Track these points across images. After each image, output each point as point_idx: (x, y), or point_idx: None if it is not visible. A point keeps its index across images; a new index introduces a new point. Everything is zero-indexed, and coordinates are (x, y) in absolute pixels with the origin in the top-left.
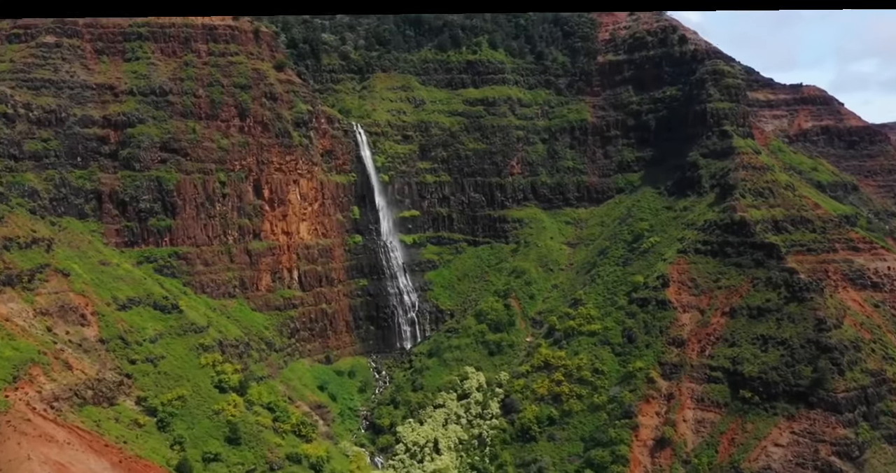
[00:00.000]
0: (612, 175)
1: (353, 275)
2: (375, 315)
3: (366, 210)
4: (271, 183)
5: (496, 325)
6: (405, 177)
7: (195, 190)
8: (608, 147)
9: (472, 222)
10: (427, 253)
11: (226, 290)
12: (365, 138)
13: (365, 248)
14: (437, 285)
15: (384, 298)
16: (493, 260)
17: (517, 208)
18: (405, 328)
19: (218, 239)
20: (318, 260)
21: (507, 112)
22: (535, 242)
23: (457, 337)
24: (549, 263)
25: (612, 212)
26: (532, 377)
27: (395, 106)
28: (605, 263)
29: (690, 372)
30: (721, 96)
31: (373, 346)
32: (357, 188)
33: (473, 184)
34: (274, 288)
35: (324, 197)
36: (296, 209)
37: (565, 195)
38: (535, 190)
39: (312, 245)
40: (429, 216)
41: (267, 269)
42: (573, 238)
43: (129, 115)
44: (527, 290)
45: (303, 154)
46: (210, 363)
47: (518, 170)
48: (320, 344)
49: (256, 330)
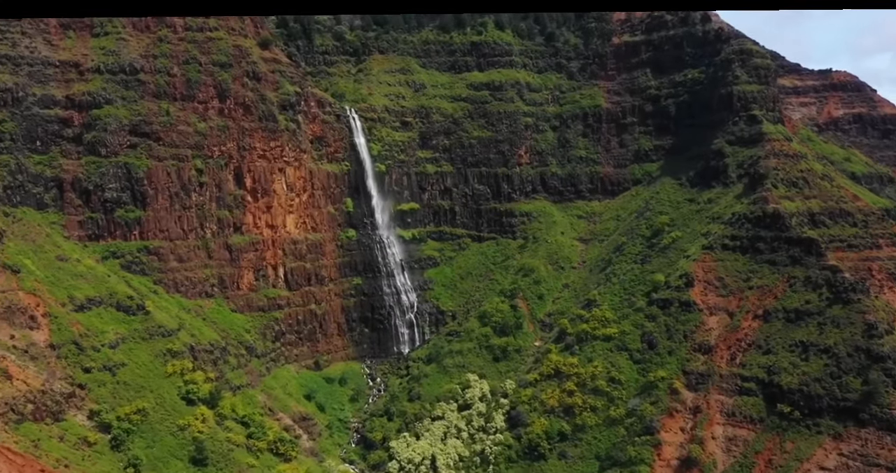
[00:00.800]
0: (629, 165)
1: (346, 273)
2: (370, 316)
3: (360, 202)
4: (254, 171)
5: (502, 328)
6: (404, 167)
7: (168, 178)
8: (624, 135)
9: (476, 216)
10: (427, 250)
11: (202, 289)
12: (359, 124)
13: (359, 244)
14: (438, 284)
15: (380, 298)
16: (499, 258)
17: (525, 201)
18: (402, 330)
19: (194, 233)
20: (306, 256)
21: (514, 97)
22: (545, 238)
23: (458, 340)
24: (560, 261)
25: (629, 206)
26: (541, 386)
27: (393, 90)
28: (622, 261)
29: (719, 383)
30: (749, 78)
31: (367, 351)
32: (350, 178)
33: (478, 175)
34: (257, 287)
35: (313, 187)
36: (282, 200)
37: (577, 187)
38: (544, 181)
39: (300, 240)
40: (429, 209)
41: (249, 266)
42: (586, 233)
43: (95, 95)
44: (535, 290)
45: (289, 140)
46: (178, 371)
47: (526, 160)
48: (309, 348)
49: (236, 334)
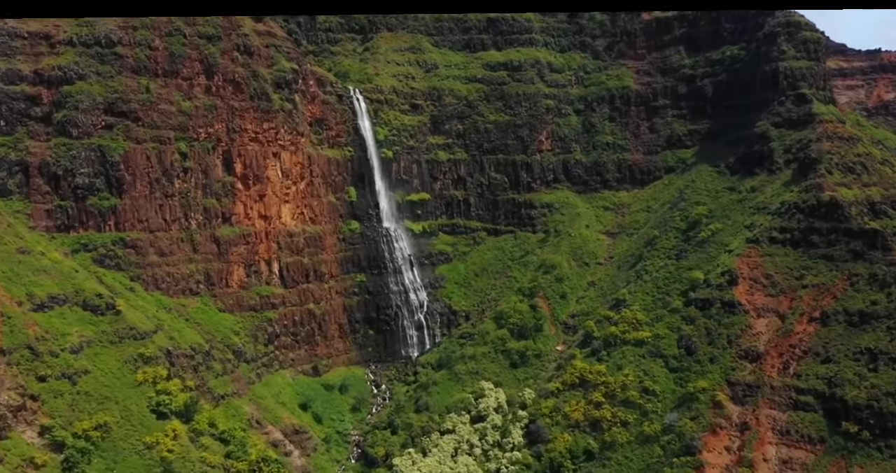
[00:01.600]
0: (660, 151)
1: (348, 269)
2: (375, 317)
3: (364, 191)
4: (245, 155)
5: (520, 331)
6: (413, 154)
7: (148, 162)
8: (655, 119)
9: (492, 207)
10: (438, 244)
11: (186, 286)
12: (364, 106)
13: (363, 237)
14: (450, 281)
15: (385, 297)
16: (517, 253)
17: (546, 191)
18: (410, 333)
19: (177, 224)
20: (303, 250)
21: (534, 78)
22: (568, 231)
23: (472, 344)
24: (585, 256)
25: (661, 196)
26: (564, 396)
27: (401, 70)
28: (654, 256)
29: (770, 396)
30: (797, 53)
31: (371, 354)
32: (354, 165)
33: (494, 163)
34: (248, 284)
35: (312, 174)
36: (276, 188)
37: (603, 176)
38: (567, 169)
39: (297, 232)
40: (441, 200)
41: (239, 261)
42: (613, 226)
43: (66, 70)
44: (557, 288)
45: (285, 121)
46: (149, 379)
47: (547, 147)
48: (306, 352)
49: (222, 336)
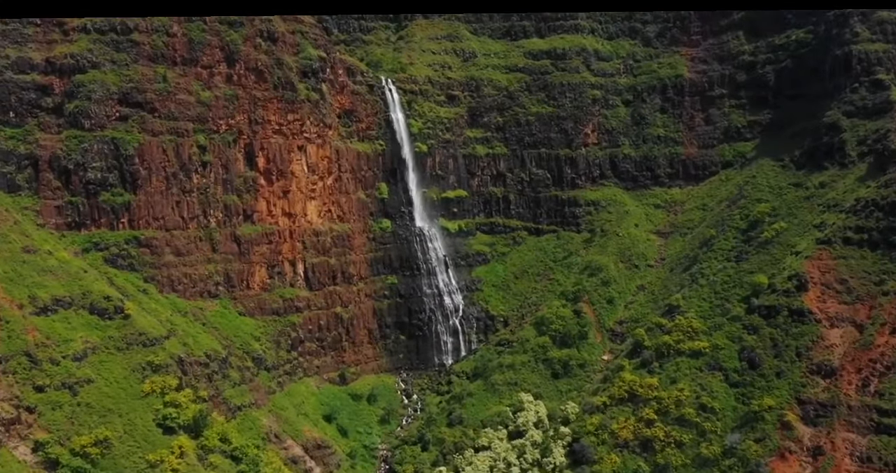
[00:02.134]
0: (717, 145)
1: (379, 271)
2: (406, 321)
3: (396, 188)
4: (268, 149)
5: (563, 338)
6: (449, 148)
7: (165, 156)
8: (711, 109)
9: (533, 205)
10: (475, 244)
11: (204, 288)
12: (397, 97)
13: (394, 236)
14: (488, 284)
15: (418, 300)
16: (560, 254)
17: (592, 188)
18: (445, 339)
19: (195, 222)
20: (331, 250)
21: (580, 67)
22: (615, 231)
23: (510, 352)
24: (634, 258)
25: (717, 192)
26: (611, 412)
27: (437, 59)
28: (711, 258)
29: (848, 417)
30: (872, 35)
31: (403, 361)
32: (385, 160)
33: (536, 158)
34: (271, 286)
35: (340, 169)
36: (302, 184)
37: (654, 171)
38: (614, 165)
39: (324, 231)
40: (478, 197)
41: (261, 262)
42: (665, 225)
43: (79, 58)
44: (604, 292)
45: (311, 112)
46: (158, 389)
47: (593, 140)
48: (333, 358)
49: (242, 342)
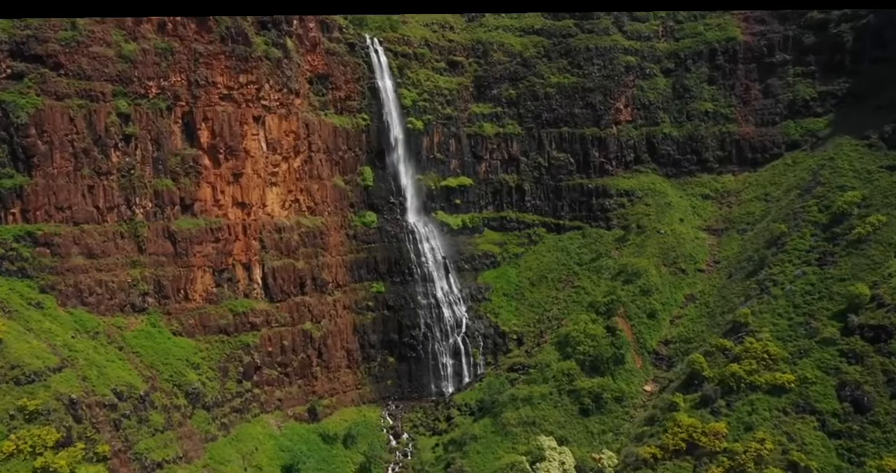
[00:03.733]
0: (779, 122)
1: (361, 276)
2: (396, 339)
3: (384, 173)
4: (214, 119)
5: (593, 363)
6: (450, 126)
7: (72, 127)
8: (771, 79)
9: (553, 196)
10: (483, 243)
11: (125, 301)
12: (385, 60)
13: (381, 233)
14: (498, 293)
15: (411, 313)
16: (587, 255)
17: (625, 175)
18: (444, 361)
19: (115, 214)
20: (298, 250)
21: (610, 29)
22: (655, 227)
23: (527, 380)
24: (680, 260)
25: (783, 179)
26: (664, 469)
27: (436, 17)
28: (784, 261)
29: None
30: None
31: (390, 390)
32: (370, 138)
33: (557, 138)
34: (217, 296)
35: (311, 148)
36: (259, 166)
37: (701, 154)
38: (652, 147)
39: (289, 226)
40: (487, 185)
41: (205, 265)
42: (716, 220)
43: None
44: (643, 304)
45: (272, 74)
46: (26, 449)
47: (627, 117)
48: (300, 389)
49: (173, 372)
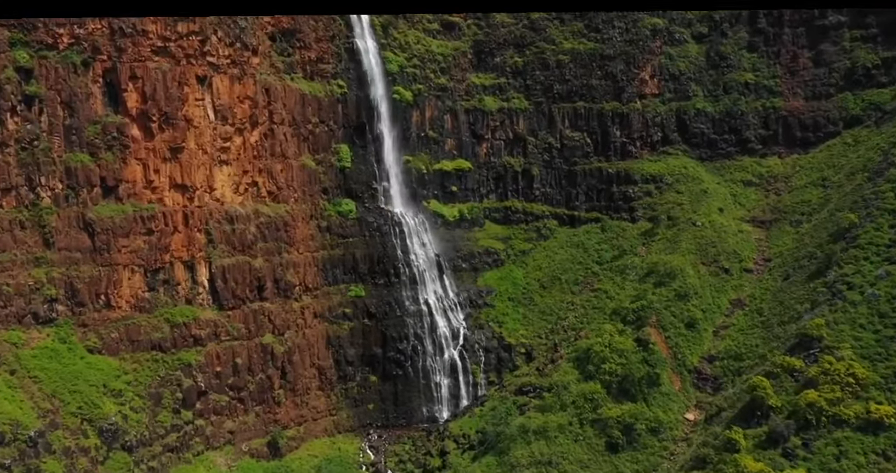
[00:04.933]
0: (835, 94)
1: (336, 278)
2: (380, 354)
3: (365, 153)
4: (146, 79)
5: (621, 385)
6: (445, 98)
7: None
8: (823, 44)
9: (567, 182)
10: (484, 239)
11: (26, 309)
12: (366, 17)
13: (361, 225)
14: (502, 297)
15: (397, 322)
16: (608, 252)
17: (652, 157)
18: (437, 380)
19: (13, 197)
20: (256, 246)
21: None
22: (689, 218)
23: (539, 404)
24: (722, 258)
25: (843, 161)
26: None
27: None
28: (858, 258)
29: None
30: None
31: (372, 416)
32: (348, 109)
33: (571, 115)
34: (151, 303)
35: (272, 119)
36: (205, 139)
37: (741, 133)
38: (683, 124)
39: (244, 214)
40: (488, 170)
41: (134, 264)
42: (763, 210)
43: None
44: (680, 311)
45: (221, 23)
46: None
47: (653, 90)
48: (258, 418)
49: (84, 401)
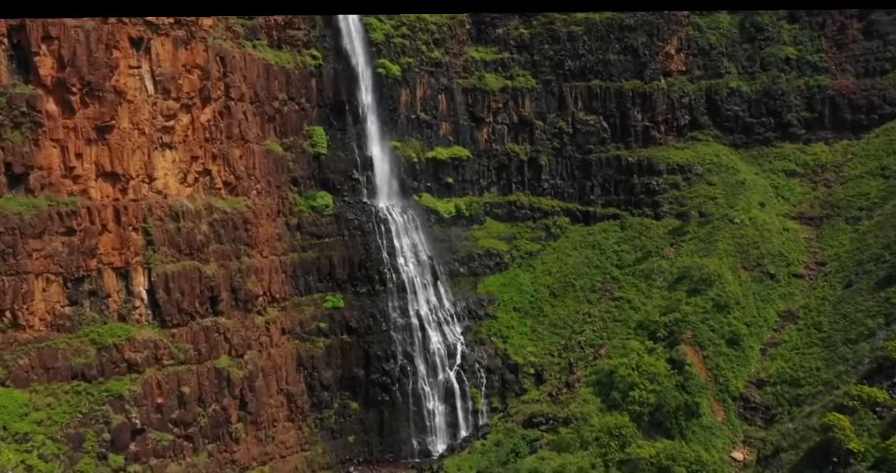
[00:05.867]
0: (891, 71)
1: (309, 285)
2: (362, 376)
3: (344, 137)
4: (63, 40)
5: (652, 416)
6: (439, 75)
7: None
8: (875, 13)
9: (581, 173)
10: (485, 238)
11: None
12: None
13: (339, 224)
14: (507, 308)
15: (383, 338)
16: (630, 254)
17: (678, 144)
18: (430, 407)
19: None
20: (208, 248)
21: None
22: (726, 214)
23: (555, 442)
24: (766, 261)
25: None
26: None
27: None
28: None
29: None
30: None
31: (353, 450)
32: (324, 85)
33: (585, 95)
34: (72, 320)
35: (229, 94)
36: (142, 117)
37: (781, 116)
38: (714, 106)
39: (192, 210)
40: (490, 159)
41: (50, 271)
42: (811, 205)
43: None
44: (721, 325)
45: None
46: None
47: (680, 66)
48: (211, 458)
49: None
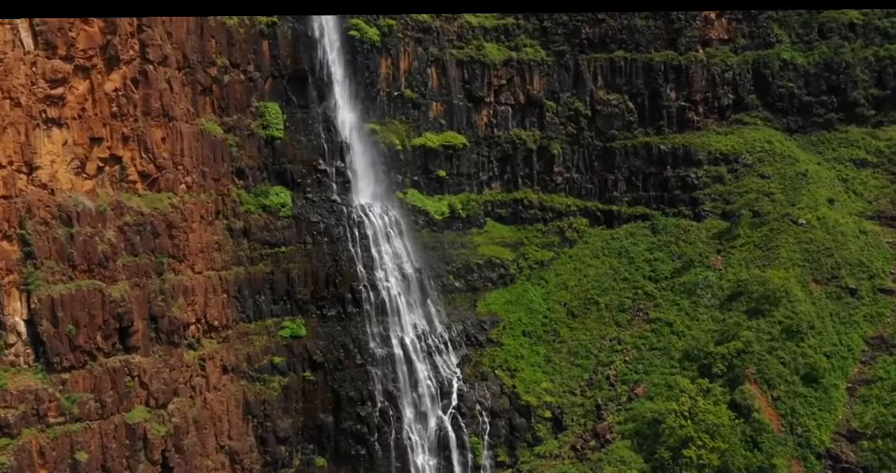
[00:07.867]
0: None
1: (260, 308)
2: (330, 424)
3: (306, 117)
4: None
5: None
6: (428, 44)
7: None
8: None
9: (602, 164)
10: (485, 245)
11: None
12: None
13: (300, 228)
14: (515, 332)
15: (356, 374)
16: (667, 264)
17: (721, 127)
18: (419, 461)
19: None
20: (113, 262)
21: None
22: (787, 213)
23: None
24: (844, 272)
25: None
26: None
27: None
28: None
29: None
30: None
31: None
32: (280, 50)
33: (607, 69)
34: None
35: (146, 56)
36: (17, 83)
37: (847, 94)
38: (763, 83)
39: (93, 211)
40: (492, 147)
41: None
42: (891, 201)
43: None
44: (793, 356)
45: None
46: None
47: (721, 34)
48: None
49: None
